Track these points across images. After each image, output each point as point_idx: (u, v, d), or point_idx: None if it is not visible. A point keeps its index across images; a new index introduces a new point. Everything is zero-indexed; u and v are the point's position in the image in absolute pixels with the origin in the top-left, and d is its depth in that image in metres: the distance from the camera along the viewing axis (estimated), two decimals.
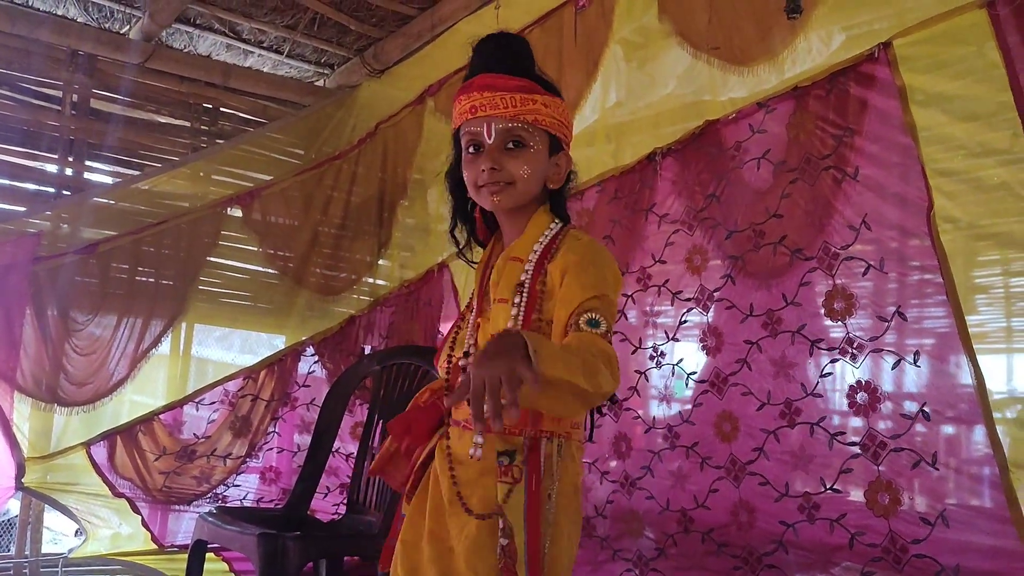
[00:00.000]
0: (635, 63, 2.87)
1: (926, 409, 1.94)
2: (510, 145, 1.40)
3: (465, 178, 1.45)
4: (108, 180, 3.78)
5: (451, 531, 1.37)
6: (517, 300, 1.37)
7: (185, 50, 3.88)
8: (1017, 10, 1.89)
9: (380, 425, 3.04)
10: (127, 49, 3.69)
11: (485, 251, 1.53)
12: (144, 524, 3.45)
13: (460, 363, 1.43)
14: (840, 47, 2.26)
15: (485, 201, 1.44)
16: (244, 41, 3.84)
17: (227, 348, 3.86)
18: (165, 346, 3.56)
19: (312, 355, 3.83)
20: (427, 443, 1.46)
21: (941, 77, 2.07)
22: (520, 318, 1.35)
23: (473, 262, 1.56)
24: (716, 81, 2.53)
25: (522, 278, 1.39)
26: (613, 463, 2.63)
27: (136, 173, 3.72)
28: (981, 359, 1.89)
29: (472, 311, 1.47)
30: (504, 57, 1.44)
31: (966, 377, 1.87)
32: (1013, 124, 1.88)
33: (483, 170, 1.40)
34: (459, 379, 1.34)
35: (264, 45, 3.90)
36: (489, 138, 1.40)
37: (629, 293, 2.68)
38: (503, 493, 1.34)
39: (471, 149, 1.43)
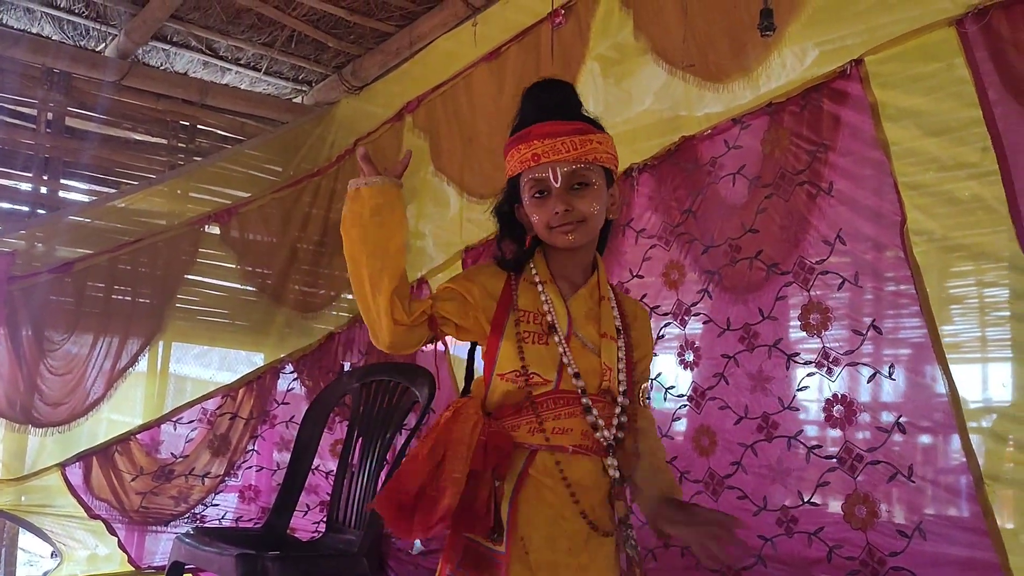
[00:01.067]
0: (612, 79, 2.89)
1: (902, 421, 1.96)
2: (575, 186, 1.48)
3: (535, 222, 1.51)
4: (84, 198, 3.77)
5: (583, 558, 1.43)
6: (622, 344, 1.52)
7: (161, 68, 3.87)
8: (985, 28, 1.91)
9: (359, 442, 3.03)
10: (103, 67, 3.68)
11: (540, 273, 1.53)
12: (121, 546, 3.41)
13: (576, 384, 1.45)
14: (813, 63, 2.28)
15: (560, 240, 1.50)
16: (221, 58, 3.84)
17: (206, 366, 3.84)
18: (142, 364, 3.53)
19: (291, 372, 3.81)
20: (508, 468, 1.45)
21: (912, 93, 2.09)
22: (626, 359, 1.51)
23: (503, 261, 1.57)
24: (692, 97, 2.55)
25: (617, 322, 1.53)
26: None
27: (112, 191, 3.71)
28: (956, 369, 1.91)
29: (548, 329, 1.48)
30: (557, 103, 1.53)
31: (941, 389, 1.89)
32: (982, 138, 1.90)
33: (556, 212, 1.47)
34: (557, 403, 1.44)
35: (241, 62, 3.90)
36: (556, 182, 1.47)
37: None
38: (624, 510, 1.47)
39: (537, 194, 1.49)
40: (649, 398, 1.44)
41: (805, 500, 2.10)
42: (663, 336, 2.52)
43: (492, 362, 1.48)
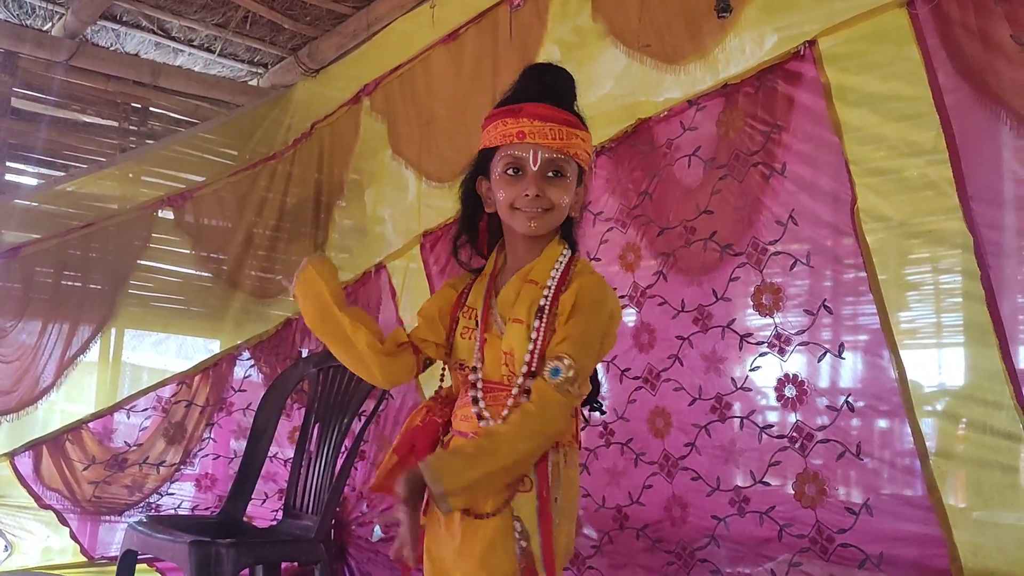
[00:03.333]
0: (573, 63, 2.86)
1: (851, 401, 1.98)
2: (551, 174, 1.48)
3: (500, 198, 1.50)
4: (32, 182, 3.68)
5: (465, 535, 1.45)
6: (536, 324, 1.46)
7: (111, 48, 3.78)
8: (935, 10, 1.93)
9: (317, 428, 3.00)
10: (50, 47, 3.59)
11: (488, 267, 1.57)
12: (73, 536, 3.36)
13: (471, 378, 1.50)
14: (772, 49, 2.29)
15: (520, 223, 1.50)
16: (173, 39, 3.77)
17: (162, 354, 3.78)
18: (94, 352, 3.47)
19: (248, 359, 3.76)
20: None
21: (864, 74, 2.11)
22: (540, 341, 1.44)
23: (472, 268, 1.61)
24: (652, 82, 2.55)
25: (541, 303, 1.48)
26: None
27: (61, 174, 3.63)
28: (912, 354, 1.93)
29: (476, 323, 1.52)
30: (555, 89, 1.52)
31: (889, 369, 1.91)
32: (935, 123, 1.92)
33: (527, 195, 1.46)
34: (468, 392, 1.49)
35: (194, 43, 3.82)
36: (534, 165, 1.46)
37: None
38: (519, 502, 1.44)
39: (511, 171, 1.48)
40: (556, 374, 1.39)
41: (757, 480, 2.11)
42: None
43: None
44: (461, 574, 1.46)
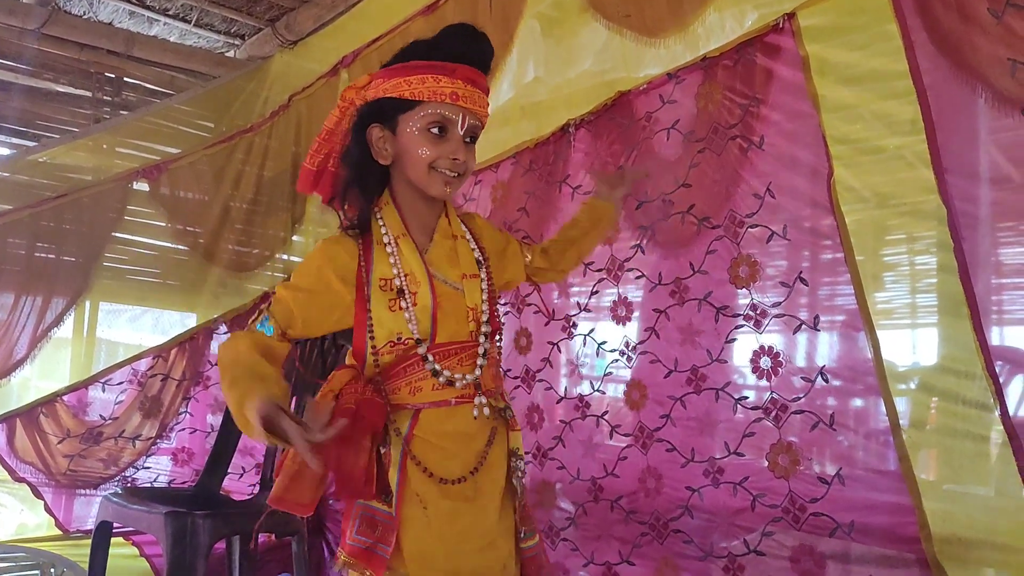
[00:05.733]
0: (553, 39, 2.87)
1: (825, 372, 1.99)
2: (468, 140, 1.50)
3: (419, 155, 1.47)
4: (3, 152, 3.62)
5: (478, 500, 1.46)
6: (484, 276, 1.52)
7: (85, 16, 3.71)
8: None
9: (294, 402, 2.99)
10: (21, 14, 3.51)
11: (395, 229, 1.50)
12: (47, 509, 3.33)
13: (419, 351, 1.45)
14: (753, 24, 2.28)
15: (436, 184, 1.48)
16: (148, 8, 3.70)
17: (139, 329, 3.75)
18: (68, 326, 3.43)
19: (225, 333, 3.73)
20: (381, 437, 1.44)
21: (844, 49, 2.10)
22: (488, 291, 1.51)
23: (348, 227, 1.52)
24: (632, 57, 2.54)
25: (477, 255, 1.53)
26: (526, 435, 2.63)
27: (34, 144, 3.57)
28: (888, 334, 1.95)
29: (403, 292, 1.45)
30: (483, 55, 1.52)
31: (862, 340, 1.92)
32: (912, 97, 1.91)
33: (454, 158, 1.47)
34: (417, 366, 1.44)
35: (170, 13, 3.76)
36: (460, 129, 1.48)
37: None
38: (519, 440, 1.53)
39: (435, 130, 1.46)
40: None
41: (731, 451, 2.12)
42: (596, 292, 2.52)
43: (364, 336, 1.45)
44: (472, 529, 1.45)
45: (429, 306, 1.45)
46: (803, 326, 2.04)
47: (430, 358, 1.44)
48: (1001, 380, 1.72)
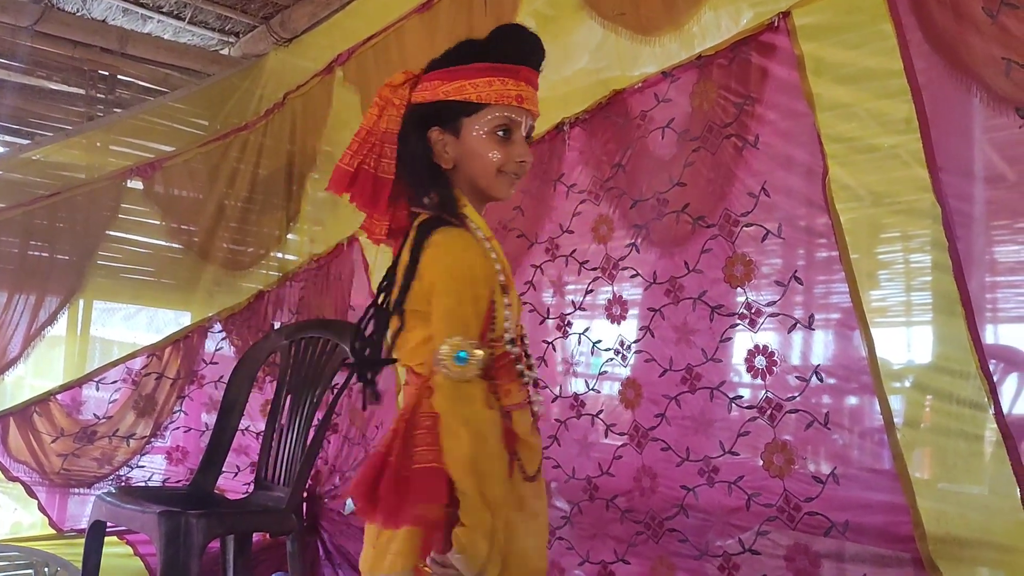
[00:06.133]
0: (548, 37, 2.84)
1: (820, 371, 1.99)
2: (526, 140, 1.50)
3: (489, 158, 1.46)
4: None
5: (530, 506, 1.45)
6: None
7: (78, 13, 3.70)
8: None
9: (288, 400, 2.98)
10: (14, 11, 3.50)
11: (484, 231, 1.48)
12: (41, 509, 3.33)
13: (515, 350, 1.46)
14: (747, 22, 2.28)
15: (503, 186, 1.49)
16: (142, 5, 3.69)
17: (133, 328, 3.74)
18: (62, 325, 3.42)
19: (219, 332, 3.72)
20: None
21: (839, 48, 2.10)
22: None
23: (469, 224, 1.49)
24: (627, 56, 2.53)
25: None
26: None
27: (27, 142, 3.55)
28: (883, 333, 1.94)
29: (507, 292, 1.46)
30: (540, 56, 1.53)
31: (857, 338, 1.92)
32: (907, 96, 1.91)
33: (521, 160, 1.47)
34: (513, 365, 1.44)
35: (164, 10, 3.75)
36: (523, 132, 1.47)
37: (538, 264, 2.68)
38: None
39: (501, 132, 1.45)
40: None
41: (726, 450, 2.12)
42: (591, 291, 2.52)
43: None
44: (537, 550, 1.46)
45: (518, 304, 1.49)
46: (798, 325, 2.04)
47: (524, 357, 1.47)
48: (995, 378, 1.73)
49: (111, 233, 3.55)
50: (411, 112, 1.49)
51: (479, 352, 1.33)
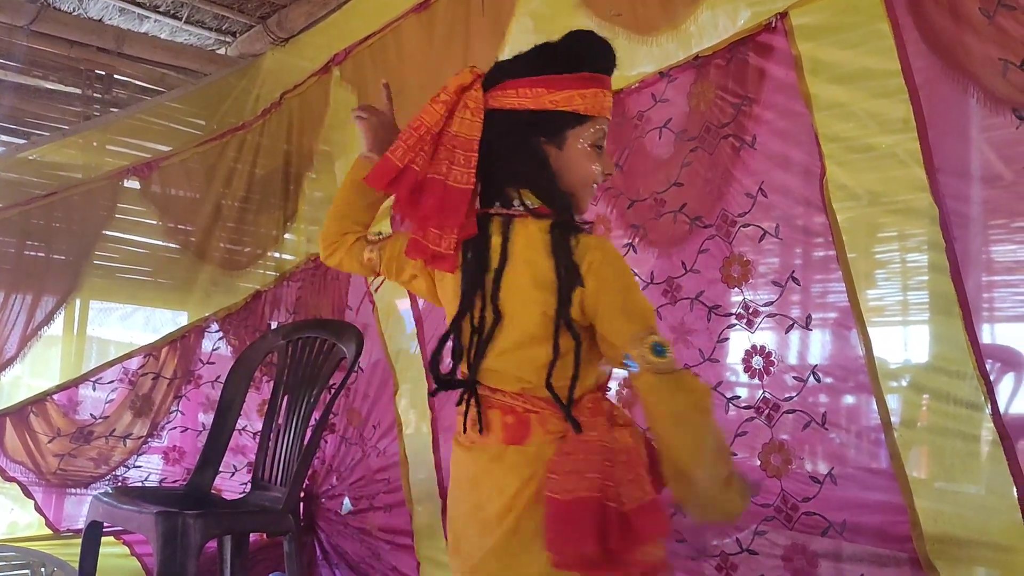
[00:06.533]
0: (545, 36, 2.84)
1: (817, 371, 1.99)
2: None
3: (588, 171, 1.43)
4: None
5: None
6: None
7: (74, 13, 3.69)
8: None
9: (285, 400, 2.98)
10: (10, 10, 3.49)
11: None
12: (38, 509, 3.32)
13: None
14: (744, 22, 2.28)
15: (587, 200, 1.46)
16: (138, 5, 3.68)
17: (130, 328, 3.73)
18: (58, 324, 3.42)
19: (216, 331, 3.73)
20: None
21: (836, 48, 2.10)
22: None
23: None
24: (625, 57, 2.52)
25: None
26: None
27: (23, 142, 3.54)
28: (880, 332, 1.94)
29: None
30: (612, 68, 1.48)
31: (854, 338, 1.92)
32: (905, 96, 1.92)
33: (609, 173, 1.46)
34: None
35: (160, 10, 3.74)
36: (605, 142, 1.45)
37: None
38: None
39: (597, 146, 1.43)
40: None
41: None
42: None
43: None
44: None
45: None
46: (795, 325, 2.04)
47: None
48: (992, 378, 1.73)
49: (108, 233, 3.55)
50: (516, 119, 1.42)
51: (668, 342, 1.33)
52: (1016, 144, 1.77)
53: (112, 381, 3.48)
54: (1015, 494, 1.66)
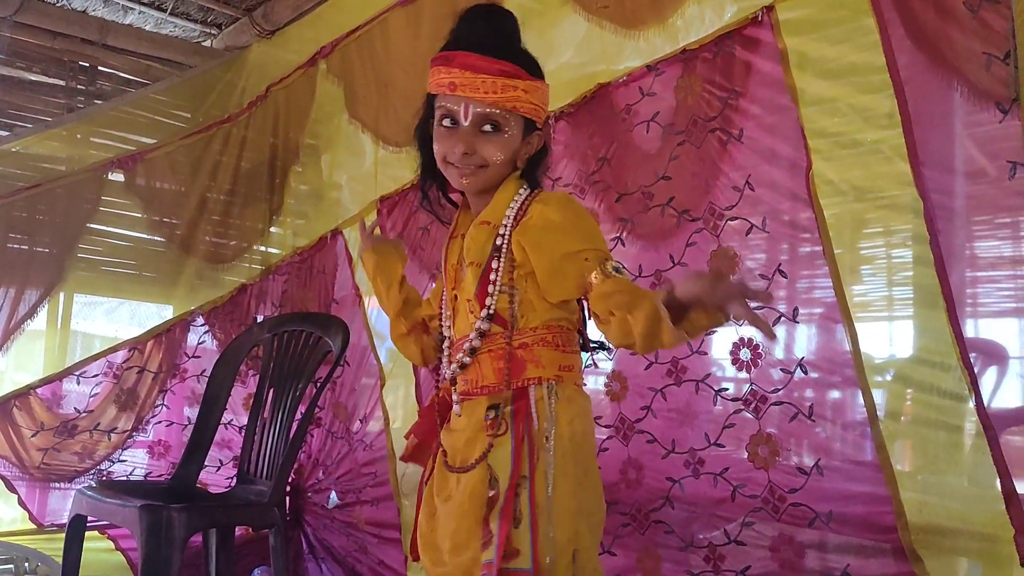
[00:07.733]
0: (534, 31, 2.84)
1: (804, 364, 2.00)
2: (486, 128, 1.43)
3: (435, 150, 1.46)
4: None
5: (447, 491, 1.43)
6: (495, 265, 1.41)
7: (58, 4, 3.65)
8: None
9: (271, 394, 2.97)
10: None
11: (453, 224, 1.56)
12: (21, 503, 3.30)
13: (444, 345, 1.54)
14: (732, 17, 2.28)
15: (453, 179, 1.48)
16: None
17: (114, 321, 3.71)
18: (41, 318, 3.39)
19: (202, 325, 3.71)
20: (438, 435, 1.51)
21: (822, 42, 2.11)
22: (498, 281, 1.41)
23: (444, 221, 1.60)
24: (612, 50, 2.53)
25: (498, 242, 1.42)
26: None
27: (5, 134, 3.51)
28: (866, 326, 1.96)
29: (447, 285, 1.52)
30: (490, 36, 1.44)
31: (840, 332, 1.94)
32: (890, 91, 1.93)
33: (462, 152, 1.43)
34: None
35: (145, 1, 3.71)
36: (466, 120, 1.41)
37: None
38: (485, 446, 1.38)
39: (446, 123, 1.43)
40: (616, 270, 1.39)
41: (711, 442, 2.14)
42: None
43: None
44: (444, 530, 1.42)
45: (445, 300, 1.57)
46: (782, 318, 2.05)
47: (445, 351, 1.57)
48: (976, 371, 1.75)
49: (92, 226, 3.53)
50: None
51: None
52: (1000, 139, 1.78)
53: (96, 375, 3.46)
54: (998, 484, 1.67)
